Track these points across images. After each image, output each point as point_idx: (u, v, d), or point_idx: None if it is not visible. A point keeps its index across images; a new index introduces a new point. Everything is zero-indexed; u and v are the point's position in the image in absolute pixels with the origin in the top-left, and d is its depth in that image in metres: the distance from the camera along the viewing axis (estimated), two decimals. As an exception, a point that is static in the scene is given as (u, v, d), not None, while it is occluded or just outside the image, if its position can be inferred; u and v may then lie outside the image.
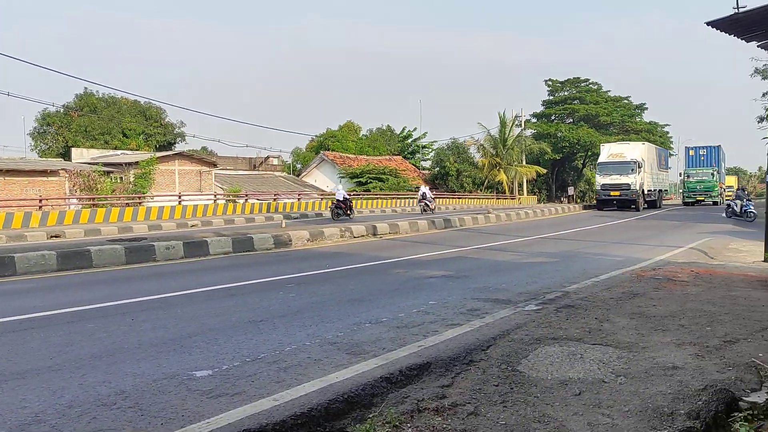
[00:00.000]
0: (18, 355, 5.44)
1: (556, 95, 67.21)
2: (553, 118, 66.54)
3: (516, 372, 4.58)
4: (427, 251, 14.08)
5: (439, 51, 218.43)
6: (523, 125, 59.81)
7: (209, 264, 12.48)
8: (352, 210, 27.89)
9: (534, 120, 66.39)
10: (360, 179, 51.96)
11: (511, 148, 56.33)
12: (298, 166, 64.88)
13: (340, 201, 26.88)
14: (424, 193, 33.50)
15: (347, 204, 27.11)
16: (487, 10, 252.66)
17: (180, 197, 34.25)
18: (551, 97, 67.59)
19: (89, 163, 38.59)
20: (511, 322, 6.26)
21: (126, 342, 5.86)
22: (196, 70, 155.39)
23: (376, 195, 45.62)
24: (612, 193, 34.93)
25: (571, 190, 60.76)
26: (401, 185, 51.86)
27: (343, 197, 27.07)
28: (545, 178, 64.23)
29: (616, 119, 62.68)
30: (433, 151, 67.89)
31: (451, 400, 4.03)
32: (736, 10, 7.01)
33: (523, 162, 58.15)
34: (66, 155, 46.16)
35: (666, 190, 46.17)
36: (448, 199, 48.38)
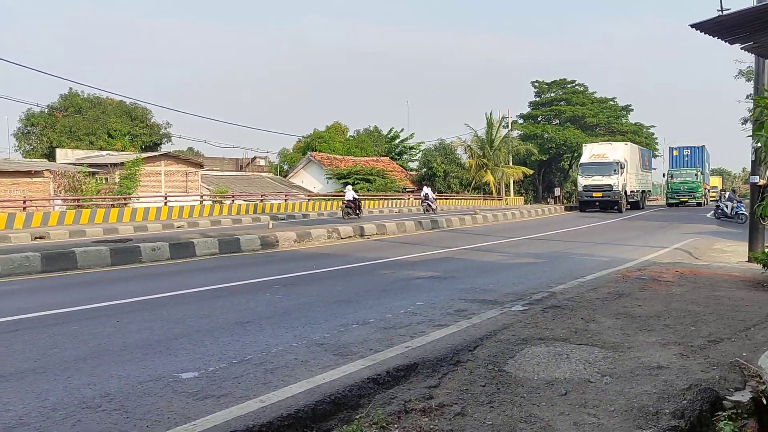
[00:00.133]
0: (1, 358, 5.38)
1: (543, 96, 67.48)
2: (539, 119, 66.80)
3: (503, 372, 4.60)
4: (415, 252, 14.10)
5: (427, 52, 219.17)
6: (509, 126, 60.02)
7: (195, 265, 12.43)
8: (361, 210, 29.42)
9: (521, 121, 66.62)
10: (347, 180, 51.80)
11: (498, 149, 56.50)
12: (285, 167, 64.79)
13: (350, 201, 28.34)
14: (427, 193, 35.05)
15: (356, 204, 28.59)
16: (476, 12, 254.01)
17: (166, 198, 34.06)
18: (538, 99, 67.85)
19: (74, 164, 38.25)
20: (497, 323, 6.28)
21: (111, 344, 5.81)
22: (181, 71, 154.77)
23: (363, 196, 45.58)
24: (594, 194, 34.45)
25: (557, 191, 61.04)
26: (388, 186, 51.89)
27: (353, 197, 28.58)
28: (532, 179, 64.48)
29: (603, 120, 63.01)
30: (420, 152, 68.03)
31: (438, 400, 4.03)
32: (720, 13, 7.09)
33: (510, 163, 58.31)
34: (50, 156, 45.75)
35: (649, 191, 46.11)
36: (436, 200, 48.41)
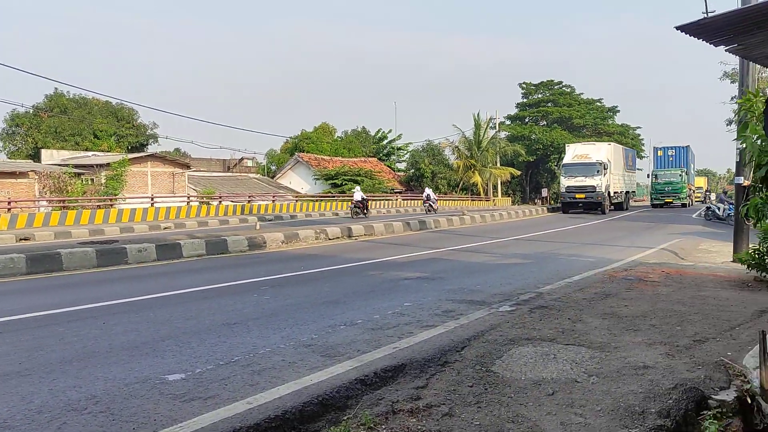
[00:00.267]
0: (-15, 361, 5.32)
1: (530, 98, 67.75)
2: (527, 120, 67.04)
3: (490, 373, 4.61)
4: (403, 253, 14.10)
5: (415, 53, 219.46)
6: (497, 127, 60.17)
7: (182, 267, 12.36)
8: (368, 209, 31.22)
9: (508, 122, 66.81)
10: (335, 181, 51.89)
11: (485, 150, 56.57)
12: (273, 168, 64.57)
13: (358, 201, 30.06)
14: (429, 194, 36.73)
15: (364, 204, 30.39)
16: (464, 13, 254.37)
17: (152, 199, 33.84)
18: (525, 100, 68.12)
19: (59, 165, 37.92)
20: (485, 324, 6.30)
21: (97, 346, 5.77)
22: (167, 71, 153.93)
23: (351, 197, 45.53)
24: (577, 195, 33.81)
25: (545, 192, 61.25)
26: (377, 187, 51.83)
27: (361, 198, 30.35)
28: (519, 179, 64.66)
29: (589, 122, 63.33)
30: (408, 153, 68.13)
31: (425, 401, 4.04)
32: (705, 15, 7.17)
33: (498, 164, 58.47)
34: (35, 157, 45.29)
35: (634, 192, 46.13)
36: (422, 200, 48.45)
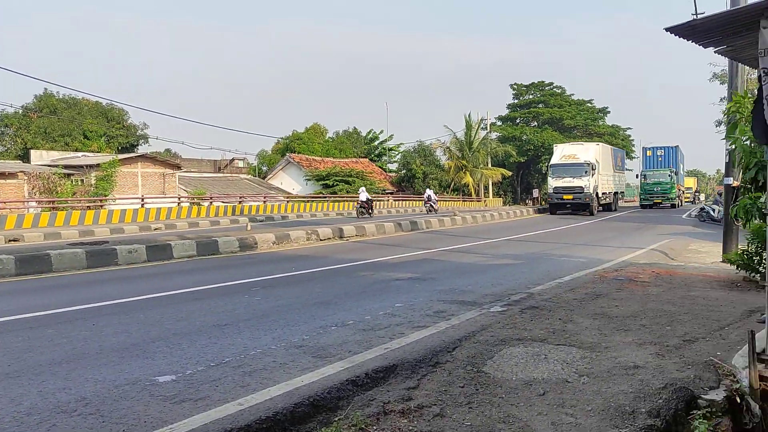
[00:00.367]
0: (-27, 363, 5.28)
1: (521, 99, 67.86)
2: (518, 121, 67.17)
3: (481, 373, 4.62)
4: (394, 254, 14.11)
5: (406, 54, 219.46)
6: (488, 128, 60.24)
7: (173, 268, 12.31)
8: (373, 209, 31.93)
9: (499, 123, 66.88)
10: (326, 181, 51.80)
11: (477, 151, 56.64)
12: (264, 169, 64.44)
13: (363, 201, 30.40)
14: (429, 195, 37.01)
15: (369, 204, 30.94)
16: (464, 14, 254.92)
17: (143, 200, 33.70)
18: (516, 101, 68.24)
19: (49, 166, 37.71)
20: (476, 324, 6.31)
21: (87, 347, 5.74)
22: (157, 72, 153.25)
23: (343, 198, 45.56)
24: (565, 196, 33.38)
25: (536, 193, 61.38)
26: (368, 188, 51.82)
27: (366, 198, 30.74)
28: (511, 180, 64.79)
29: (580, 122, 63.54)
30: (399, 154, 68.08)
31: (417, 401, 4.04)
32: (695, 17, 7.21)
33: (489, 165, 58.54)
34: (25, 157, 44.96)
35: (623, 193, 46.18)
36: (414, 201, 48.47)
